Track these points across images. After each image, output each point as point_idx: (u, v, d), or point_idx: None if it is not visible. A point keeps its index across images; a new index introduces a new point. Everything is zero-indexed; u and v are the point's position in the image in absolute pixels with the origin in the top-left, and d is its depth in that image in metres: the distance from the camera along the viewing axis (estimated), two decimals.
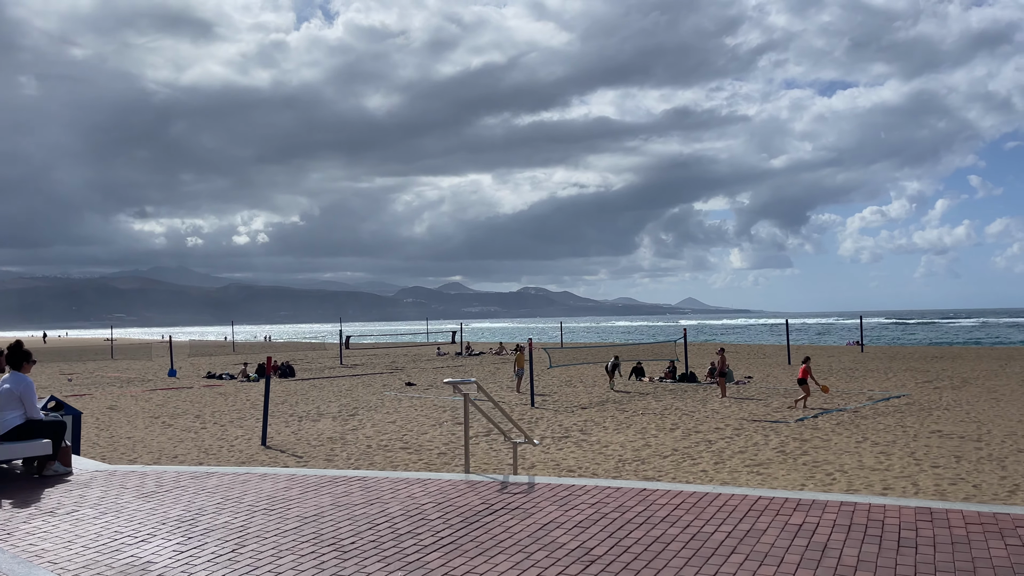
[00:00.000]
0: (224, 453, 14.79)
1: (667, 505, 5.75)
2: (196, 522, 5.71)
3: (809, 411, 18.56)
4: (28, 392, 7.49)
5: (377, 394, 25.85)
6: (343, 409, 21.70)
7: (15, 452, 7.21)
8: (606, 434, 16.18)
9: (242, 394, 27.48)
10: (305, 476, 7.22)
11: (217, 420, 20.14)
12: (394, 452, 14.33)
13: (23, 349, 7.77)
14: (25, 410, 7.51)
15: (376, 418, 19.44)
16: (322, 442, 15.81)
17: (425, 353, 54.48)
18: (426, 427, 17.54)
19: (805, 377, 19.19)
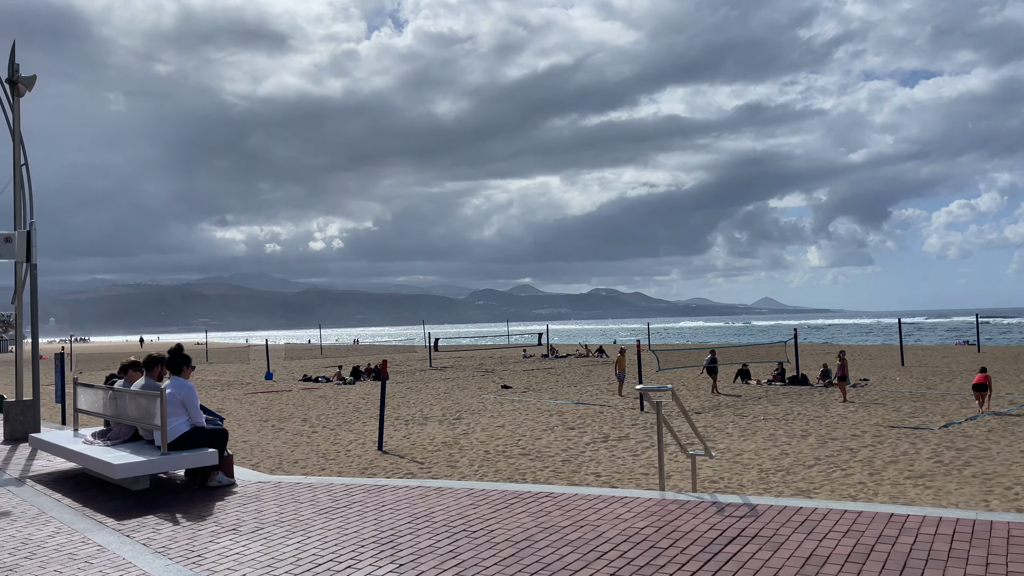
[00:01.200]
0: (343, 458, 14.49)
1: (939, 536, 4.91)
2: (397, 545, 5.17)
3: (954, 416, 17.20)
4: (191, 398, 7.16)
5: (475, 397, 25.44)
6: (446, 412, 21.33)
7: (184, 462, 6.87)
8: (733, 441, 15.24)
9: (341, 397, 27.47)
10: (485, 491, 6.65)
11: (325, 424, 20.00)
12: (515, 459, 13.76)
13: (183, 353, 7.45)
14: (189, 416, 7.17)
15: (483, 422, 18.96)
16: (437, 447, 15.39)
17: (511, 355, 54.06)
18: (538, 432, 16.95)
19: (986, 382, 18.04)
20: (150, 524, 6.01)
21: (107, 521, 6.18)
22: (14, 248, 10.47)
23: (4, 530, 6.03)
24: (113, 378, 8.48)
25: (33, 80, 11.43)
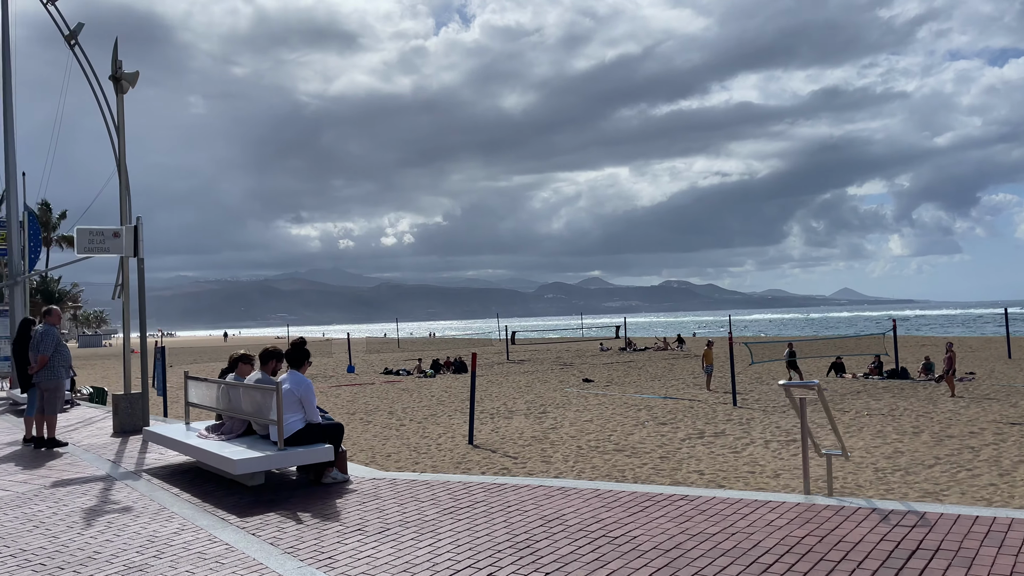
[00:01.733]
0: (434, 452, 14.33)
1: None
2: (536, 551, 4.84)
3: None
4: (308, 394, 7.00)
5: (558, 391, 25.11)
6: (531, 406, 21.06)
7: (301, 459, 6.71)
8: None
9: (424, 390, 27.53)
10: (613, 492, 6.27)
11: (411, 417, 19.96)
12: (609, 455, 13.35)
13: (304, 348, 7.30)
14: (305, 413, 7.01)
15: (570, 416, 18.60)
16: (528, 441, 15.10)
17: (587, 348, 53.53)
18: (628, 427, 16.50)
19: None
20: (273, 522, 5.84)
21: (229, 518, 6.05)
22: (122, 243, 10.60)
23: (128, 526, 5.96)
24: (229, 371, 8.44)
25: (136, 76, 11.57)
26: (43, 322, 10.42)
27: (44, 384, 10.23)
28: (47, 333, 10.19)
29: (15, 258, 18.64)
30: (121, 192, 11.53)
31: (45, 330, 10.24)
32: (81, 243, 10.36)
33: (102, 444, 10.49)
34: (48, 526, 6.09)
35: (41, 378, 10.21)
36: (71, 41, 18.61)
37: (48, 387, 10.23)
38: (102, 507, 6.64)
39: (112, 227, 10.71)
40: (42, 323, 10.42)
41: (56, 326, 10.43)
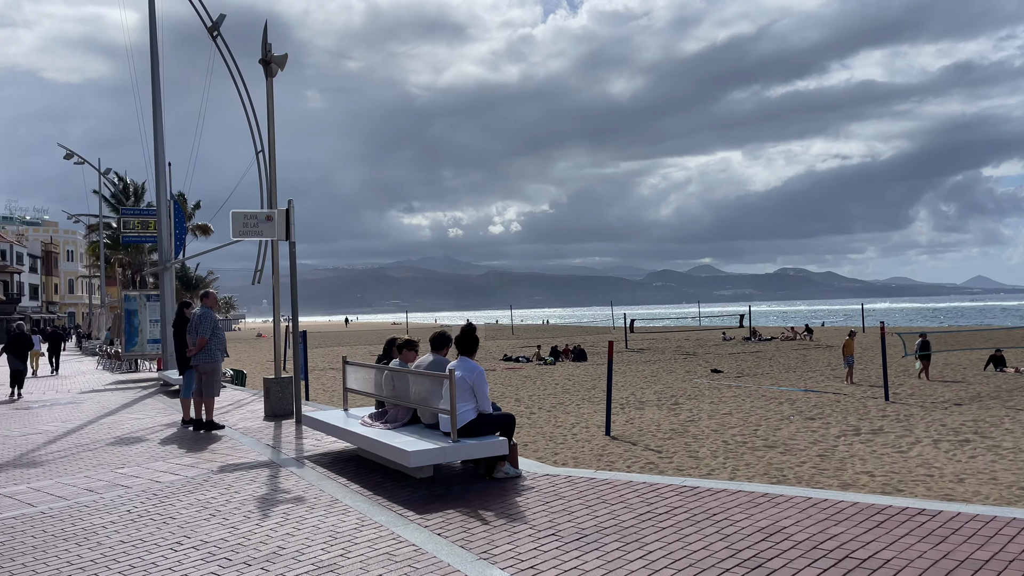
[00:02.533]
0: (572, 442, 13.78)
1: None
2: (772, 571, 4.15)
3: None
4: (480, 382, 6.55)
5: (686, 381, 24.10)
6: (661, 397, 20.20)
7: (476, 451, 6.27)
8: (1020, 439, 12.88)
9: (546, 378, 27.11)
10: (829, 500, 5.50)
11: (539, 405, 19.51)
12: (760, 451, 12.38)
13: (475, 335, 6.86)
14: (476, 402, 6.56)
15: (706, 408, 17.64)
16: (667, 434, 14.31)
17: (708, 337, 51.78)
18: (773, 422, 15.40)
19: None
20: (456, 521, 5.41)
21: (407, 514, 5.67)
22: (274, 226, 10.55)
23: (305, 519, 5.68)
24: (385, 358, 8.16)
25: (285, 59, 11.52)
26: (201, 305, 10.53)
27: (202, 366, 10.33)
28: (205, 316, 10.28)
29: (164, 244, 19.39)
30: (271, 175, 11.53)
31: (203, 313, 10.33)
32: (236, 227, 10.37)
33: (257, 428, 10.52)
34: (225, 515, 5.90)
35: (199, 360, 10.32)
36: (213, 32, 19.10)
37: (206, 369, 10.33)
38: (274, 496, 6.43)
39: (265, 211, 10.68)
40: (200, 306, 10.53)
41: (213, 309, 10.52)
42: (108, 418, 12.62)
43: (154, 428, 11.09)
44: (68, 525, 5.83)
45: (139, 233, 23.49)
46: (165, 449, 9.20)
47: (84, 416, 13.11)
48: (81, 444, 9.94)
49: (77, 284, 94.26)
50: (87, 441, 10.16)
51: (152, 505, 6.33)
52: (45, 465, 8.54)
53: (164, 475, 7.55)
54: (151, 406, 14.23)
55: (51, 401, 16.25)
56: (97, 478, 7.60)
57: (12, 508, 6.49)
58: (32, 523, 5.96)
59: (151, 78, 19.37)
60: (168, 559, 4.93)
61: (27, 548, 5.31)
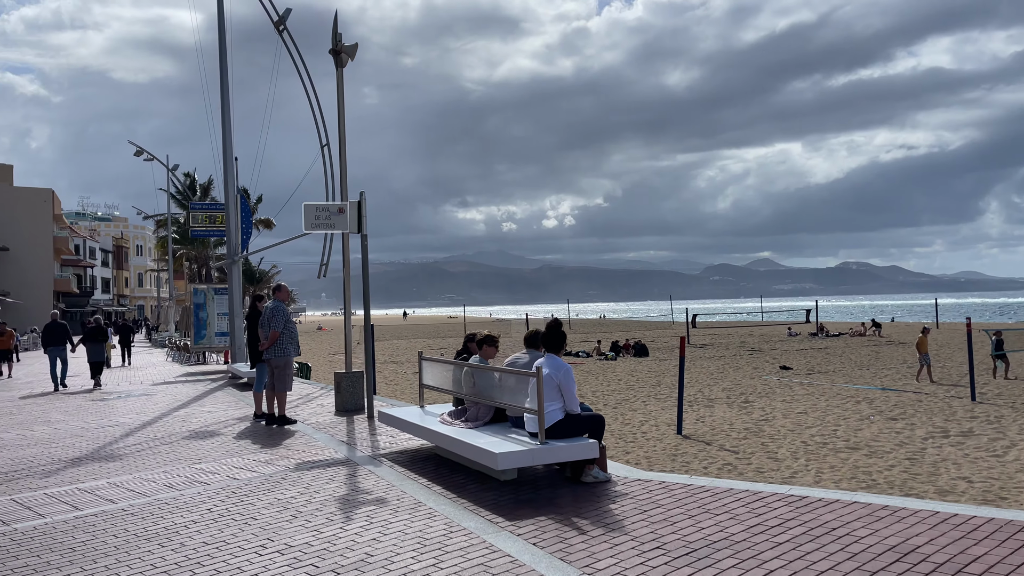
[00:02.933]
0: (643, 441, 13.33)
1: None
2: None
3: None
4: (568, 381, 6.21)
5: (755, 378, 23.34)
6: (729, 394, 19.55)
7: (565, 454, 5.94)
8: None
9: (608, 373, 26.62)
10: (962, 515, 4.98)
11: (604, 401, 19.07)
12: (843, 453, 11.74)
13: (561, 330, 6.52)
14: (564, 402, 6.22)
15: (779, 407, 16.95)
16: (741, 433, 13.74)
17: (773, 333, 50.45)
18: (852, 422, 14.67)
19: None
20: (550, 530, 5.08)
21: (497, 520, 5.36)
22: (346, 219, 10.38)
23: (391, 523, 5.42)
24: (463, 353, 7.88)
25: (355, 48, 11.34)
26: (273, 298, 10.43)
27: (275, 361, 10.23)
28: (277, 309, 10.17)
29: (232, 238, 19.55)
30: (342, 167, 11.37)
31: (275, 306, 10.22)
32: (308, 220, 10.23)
33: (328, 423, 10.38)
34: (307, 517, 5.69)
35: (272, 354, 10.21)
36: (280, 27, 19.15)
37: (278, 364, 10.22)
38: (354, 497, 6.20)
39: (337, 203, 10.52)
40: (272, 299, 10.43)
41: (285, 302, 10.41)
42: (181, 411, 12.68)
43: (227, 422, 11.06)
44: (150, 524, 5.70)
45: (207, 227, 23.83)
46: (239, 444, 9.10)
47: (158, 408, 13.22)
48: (157, 437, 9.95)
49: (146, 278, 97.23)
50: (162, 434, 10.17)
51: (232, 504, 6.16)
52: (123, 459, 8.52)
53: (241, 472, 7.41)
54: (221, 399, 14.29)
55: (125, 393, 16.51)
56: (175, 473, 7.50)
57: (93, 504, 6.41)
58: (113, 521, 5.84)
59: (219, 75, 19.54)
60: (253, 564, 4.72)
61: (110, 548, 5.17)
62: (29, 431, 11.13)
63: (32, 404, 14.93)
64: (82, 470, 7.98)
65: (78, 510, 6.22)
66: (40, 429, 11.28)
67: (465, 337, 7.96)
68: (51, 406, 14.41)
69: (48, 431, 11.03)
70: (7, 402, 15.45)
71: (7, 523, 5.93)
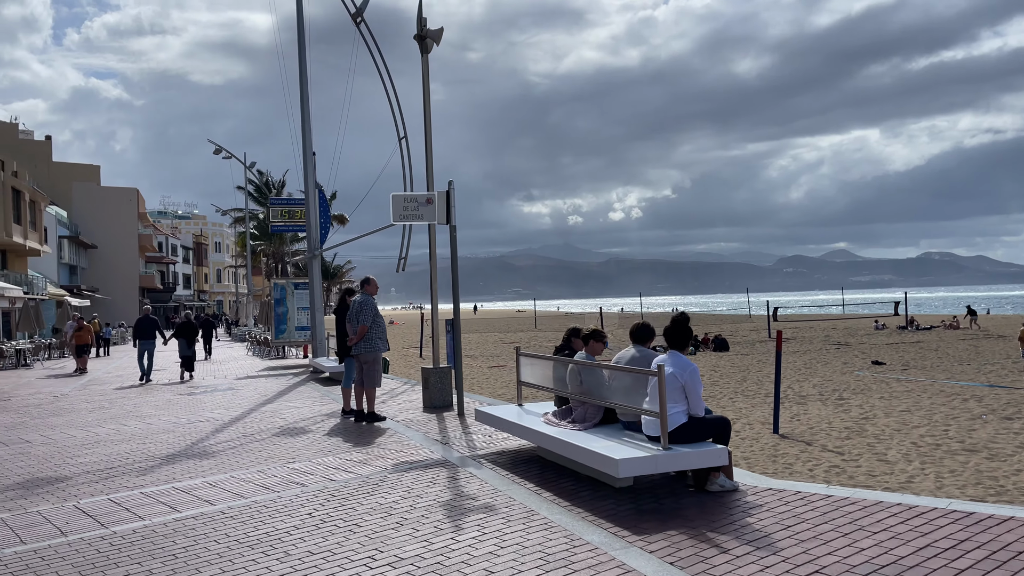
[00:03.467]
0: (738, 441, 12.58)
1: None
2: None
3: None
4: (694, 381, 5.67)
5: (846, 374, 22.15)
6: (821, 391, 18.53)
7: (692, 461, 5.42)
8: None
9: None
10: None
11: None
12: (961, 456, 10.76)
13: (688, 326, 5.99)
14: (688, 404, 5.69)
15: (878, 404, 15.91)
16: (842, 433, 12.85)
17: (858, 326, 48.41)
18: (963, 421, 13.58)
19: None
20: (686, 547, 4.56)
21: (622, 533, 4.88)
22: (434, 210, 10.04)
23: (505, 535, 5.00)
24: (564, 349, 7.42)
25: (440, 33, 10.99)
26: (361, 292, 10.17)
27: (363, 356, 9.97)
28: (365, 303, 9.90)
29: (312, 233, 19.57)
30: (428, 156, 11.04)
31: (363, 300, 9.96)
32: (396, 210, 9.93)
33: (418, 420, 10.07)
34: (413, 525, 5.32)
35: (360, 349, 9.96)
36: (357, 19, 19.01)
37: (367, 359, 9.96)
38: (460, 503, 5.81)
39: (426, 193, 10.18)
40: (360, 293, 10.18)
41: (374, 296, 10.14)
42: (268, 406, 12.61)
43: (315, 418, 10.88)
44: (251, 529, 5.42)
45: (286, 222, 24.00)
46: (331, 442, 8.86)
47: (244, 403, 13.20)
48: (247, 434, 9.81)
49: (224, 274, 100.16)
50: (253, 431, 10.03)
51: (333, 508, 5.85)
52: (216, 456, 8.37)
53: (337, 472, 7.12)
54: (306, 394, 14.21)
55: (211, 387, 16.66)
56: (271, 473, 7.27)
57: (191, 506, 6.20)
58: (213, 525, 5.59)
59: (299, 71, 19.59)
60: None
61: (212, 556, 4.90)
62: (122, 425, 11.19)
63: (124, 398, 15.17)
64: (177, 468, 7.84)
65: (177, 512, 6.01)
66: (133, 424, 11.33)
67: (567, 332, 7.48)
68: (142, 400, 14.60)
69: (141, 426, 11.07)
70: (100, 395, 15.76)
71: (106, 526, 5.75)
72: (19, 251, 42.93)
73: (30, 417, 12.82)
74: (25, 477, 7.78)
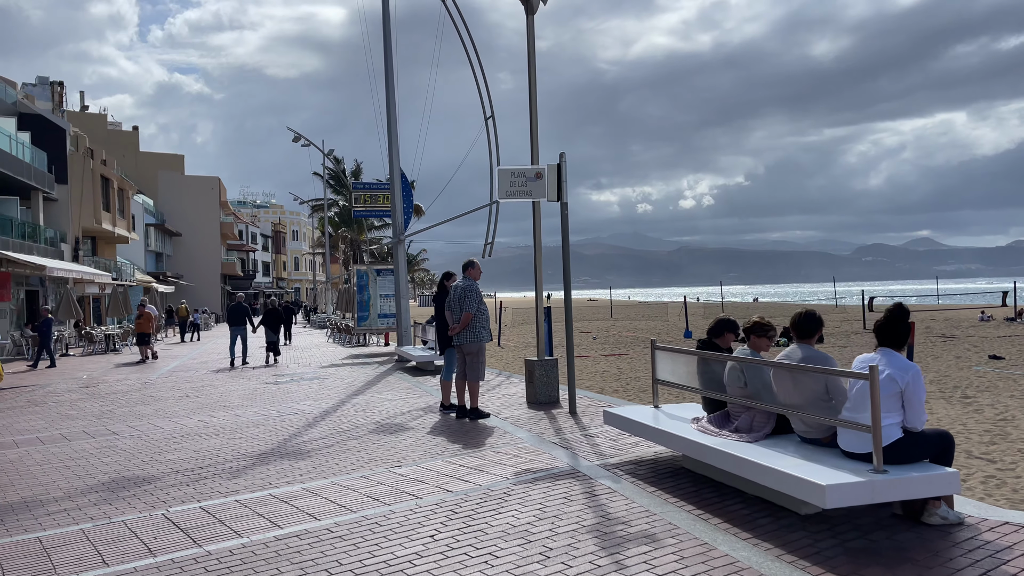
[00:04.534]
0: None
1: None
2: None
3: None
4: (917, 387, 4.53)
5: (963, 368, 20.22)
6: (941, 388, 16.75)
7: (920, 489, 4.27)
8: None
9: None
10: None
11: None
12: None
13: (908, 320, 4.83)
14: (905, 415, 4.54)
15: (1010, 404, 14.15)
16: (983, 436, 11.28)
17: (960, 317, 45.38)
18: None
19: None
20: None
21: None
22: (543, 185, 9.03)
23: (666, 566, 3.98)
24: (709, 343, 6.32)
25: None
26: (463, 276, 9.27)
27: (467, 346, 9.06)
28: (470, 289, 8.99)
29: (398, 218, 18.88)
30: (532, 126, 10.03)
31: (467, 285, 9.05)
32: (502, 187, 8.97)
33: (526, 417, 9.11)
34: (561, 558, 4.33)
35: (464, 339, 9.06)
36: None
37: (471, 350, 9.05)
38: (611, 529, 4.80)
39: (535, 167, 9.17)
40: (462, 277, 9.27)
41: (477, 281, 9.22)
42: (359, 398, 11.88)
43: (412, 413, 10.05)
44: (366, 555, 4.54)
45: (368, 207, 23.45)
46: (436, 442, 7.98)
47: (333, 394, 12.52)
48: (342, 429, 9.04)
49: (302, 261, 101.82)
50: (347, 426, 9.26)
51: (458, 530, 4.93)
52: (312, 456, 7.59)
53: (452, 481, 6.22)
54: (396, 385, 13.46)
55: (296, 376, 16.12)
56: (376, 480, 6.42)
57: (293, 520, 5.38)
58: (322, 548, 4.74)
59: (384, 53, 18.92)
60: None
61: None
62: (210, 417, 10.61)
63: (210, 386, 14.75)
64: (271, 469, 7.08)
65: (278, 528, 5.20)
66: (220, 415, 10.74)
67: (717, 323, 6.36)
68: (228, 388, 14.13)
69: (229, 418, 10.46)
70: (186, 382, 15.40)
71: (199, 543, 4.97)
72: (108, 238, 43.99)
73: (118, 405, 12.44)
74: (111, 476, 7.16)
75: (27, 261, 27.87)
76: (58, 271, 29.14)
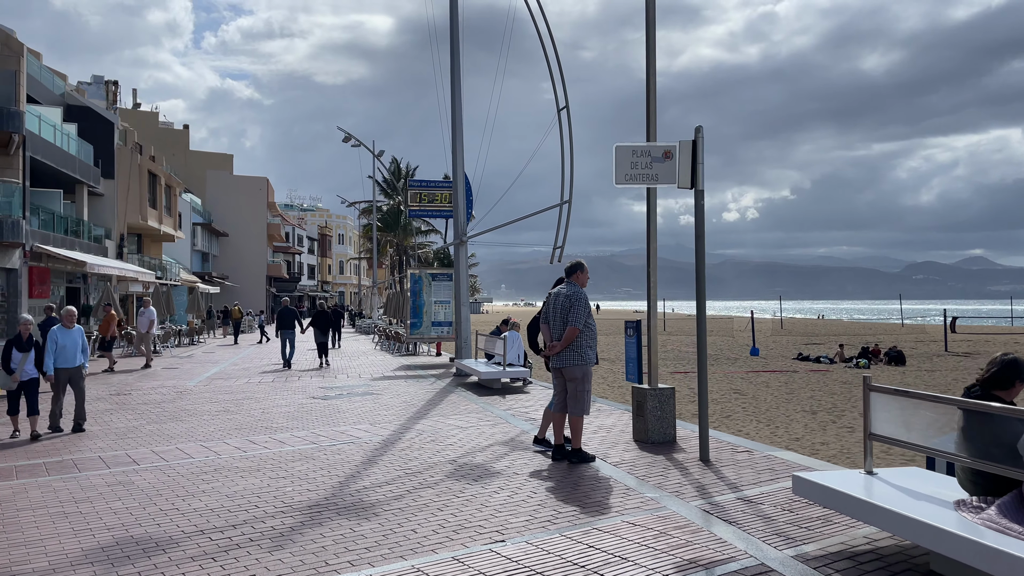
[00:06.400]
0: None
1: None
2: None
3: None
4: None
5: None
6: None
7: None
8: None
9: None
10: None
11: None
12: None
13: None
14: None
15: None
16: None
17: None
18: None
19: None
20: None
21: None
22: (674, 168, 7.11)
23: None
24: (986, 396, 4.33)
25: None
26: (567, 282, 7.36)
27: (570, 370, 7.13)
28: (577, 298, 7.08)
29: (460, 218, 17.16)
30: (649, 103, 8.12)
31: (573, 293, 7.14)
32: (621, 168, 7.08)
33: (645, 464, 7.15)
34: None
35: (564, 361, 7.14)
36: None
37: (575, 375, 7.13)
38: None
39: (663, 144, 7.24)
40: (566, 283, 7.37)
41: (585, 287, 7.32)
42: (422, 423, 10.04)
43: (494, 449, 8.15)
44: None
45: (423, 206, 21.76)
46: (540, 499, 6.06)
47: (391, 416, 10.71)
48: (411, 471, 7.18)
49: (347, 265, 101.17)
50: (416, 466, 7.40)
51: None
52: (378, 515, 5.74)
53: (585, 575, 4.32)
54: (461, 406, 11.60)
55: (347, 389, 14.39)
56: (475, 567, 4.53)
57: None
58: None
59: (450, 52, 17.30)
60: None
61: None
62: (250, 442, 8.86)
63: (251, 399, 13.07)
64: (326, 536, 5.25)
65: None
66: (262, 440, 8.99)
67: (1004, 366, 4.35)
68: (271, 403, 12.42)
69: (272, 444, 8.70)
70: (226, 393, 13.76)
71: None
72: (154, 235, 43.17)
73: (146, 420, 10.81)
74: (116, 534, 5.41)
75: (67, 257, 26.79)
76: (99, 268, 28.05)
